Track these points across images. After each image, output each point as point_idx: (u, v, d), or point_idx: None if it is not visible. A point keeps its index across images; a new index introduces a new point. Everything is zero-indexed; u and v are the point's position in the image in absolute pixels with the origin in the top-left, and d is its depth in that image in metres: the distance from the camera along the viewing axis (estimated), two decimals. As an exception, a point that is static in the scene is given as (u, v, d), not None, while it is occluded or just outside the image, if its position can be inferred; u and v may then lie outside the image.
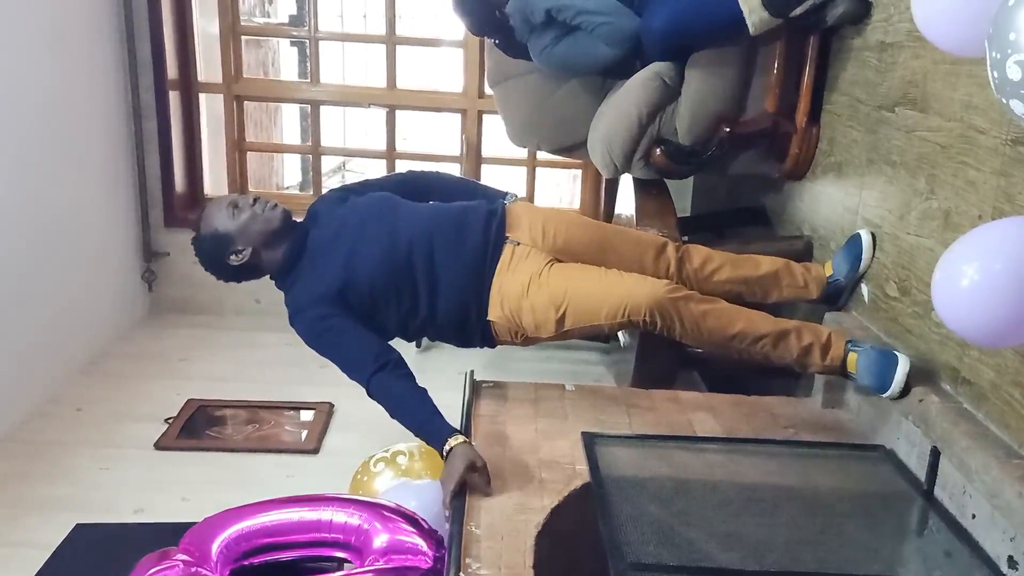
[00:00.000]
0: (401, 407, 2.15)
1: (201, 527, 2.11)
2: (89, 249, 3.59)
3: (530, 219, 2.42)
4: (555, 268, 2.33)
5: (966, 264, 1.40)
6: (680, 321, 2.23)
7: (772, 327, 2.27)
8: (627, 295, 2.24)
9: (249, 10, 6.69)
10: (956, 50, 1.58)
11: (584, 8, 2.68)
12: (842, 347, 2.25)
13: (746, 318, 2.28)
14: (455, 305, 2.30)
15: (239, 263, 2.31)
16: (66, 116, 3.39)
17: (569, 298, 2.26)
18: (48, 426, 3.05)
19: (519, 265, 2.32)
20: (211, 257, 2.34)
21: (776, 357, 2.28)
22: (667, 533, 1.80)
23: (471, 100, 4.06)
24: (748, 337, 2.25)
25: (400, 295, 2.28)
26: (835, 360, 2.25)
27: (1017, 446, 1.71)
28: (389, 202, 2.38)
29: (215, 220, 2.30)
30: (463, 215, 2.37)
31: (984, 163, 1.88)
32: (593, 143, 3.03)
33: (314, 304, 2.24)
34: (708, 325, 2.25)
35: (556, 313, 2.26)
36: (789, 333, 2.26)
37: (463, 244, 2.31)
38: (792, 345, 2.26)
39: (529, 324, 2.29)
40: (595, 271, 2.33)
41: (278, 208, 2.33)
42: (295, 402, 3.29)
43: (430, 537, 2.04)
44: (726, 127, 2.78)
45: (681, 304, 2.23)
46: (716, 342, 2.28)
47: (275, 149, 7.33)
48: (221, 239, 2.29)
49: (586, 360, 3.80)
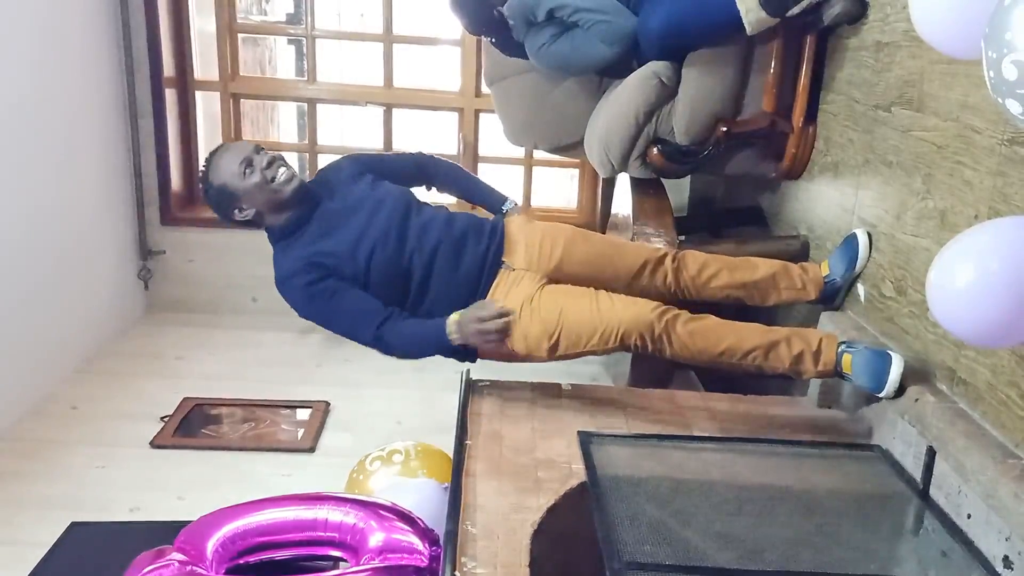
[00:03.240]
0: (415, 337, 2.24)
1: (197, 526, 2.11)
2: (85, 247, 3.58)
3: (527, 238, 2.42)
4: (546, 293, 2.33)
5: (962, 264, 1.40)
6: (669, 343, 2.24)
7: (761, 339, 2.26)
8: (617, 321, 2.24)
9: (246, 8, 6.66)
10: (952, 50, 1.58)
11: (582, 6, 2.68)
12: (833, 352, 2.24)
13: (734, 333, 2.27)
14: (438, 315, 2.29)
15: (242, 219, 2.33)
16: (62, 114, 3.38)
17: (561, 324, 2.27)
18: (44, 424, 3.04)
19: (511, 291, 2.33)
20: (215, 203, 2.35)
21: (768, 368, 2.27)
22: (663, 532, 1.80)
23: (468, 99, 4.06)
24: (737, 352, 2.25)
25: (391, 292, 2.29)
26: (827, 365, 2.24)
27: (1013, 446, 1.72)
28: (404, 203, 2.39)
29: (224, 174, 2.28)
30: (467, 232, 2.38)
31: (980, 163, 1.88)
32: (590, 142, 3.03)
33: (308, 268, 2.25)
34: (696, 345, 2.25)
35: (549, 341, 2.27)
36: (779, 343, 2.25)
37: (461, 262, 2.34)
38: (783, 355, 2.25)
39: (521, 349, 2.30)
40: (586, 297, 2.32)
41: (291, 183, 2.30)
42: (291, 401, 3.29)
43: (426, 536, 2.04)
44: (723, 127, 2.79)
45: (669, 326, 2.24)
46: (706, 360, 2.28)
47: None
48: (227, 195, 2.30)
49: (583, 359, 3.80)
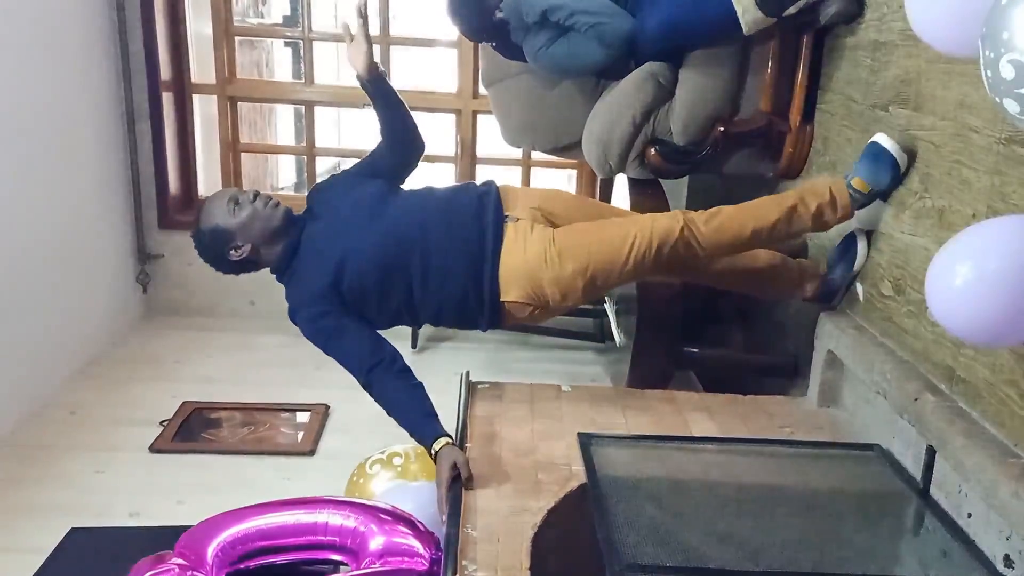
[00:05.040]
0: (393, 407, 2.17)
1: (197, 530, 2.11)
2: (83, 251, 3.58)
3: (525, 197, 2.40)
4: (564, 233, 2.30)
5: (960, 263, 1.40)
6: (699, 244, 2.28)
7: (779, 210, 2.31)
8: (645, 234, 2.25)
9: (243, 11, 6.68)
10: (949, 49, 1.58)
11: (578, 8, 2.68)
12: (846, 195, 2.30)
13: (752, 215, 2.32)
14: (452, 289, 2.27)
15: (239, 258, 2.31)
16: (59, 118, 3.38)
17: (591, 256, 2.25)
18: (42, 430, 3.04)
19: (526, 241, 2.27)
20: (211, 251, 2.33)
21: (796, 233, 2.40)
22: (663, 534, 1.80)
23: (465, 100, 4.06)
24: (764, 229, 2.30)
25: (393, 286, 2.25)
26: (846, 208, 2.31)
27: (1013, 445, 1.71)
28: (379, 192, 2.35)
29: (216, 216, 2.29)
30: (455, 198, 2.35)
31: (978, 162, 1.88)
32: (588, 143, 3.03)
33: (311, 302, 2.24)
34: (725, 238, 2.30)
35: (584, 278, 2.25)
36: (796, 207, 2.32)
37: (457, 227, 2.28)
38: (803, 216, 2.32)
39: (555, 295, 2.27)
40: (605, 225, 2.33)
41: (279, 207, 2.31)
42: (291, 404, 3.29)
43: (426, 539, 2.04)
44: (720, 127, 2.79)
45: (691, 228, 2.27)
46: (740, 247, 2.36)
47: (269, 150, 7.32)
48: (221, 235, 2.28)
49: (582, 360, 3.81)
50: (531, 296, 2.27)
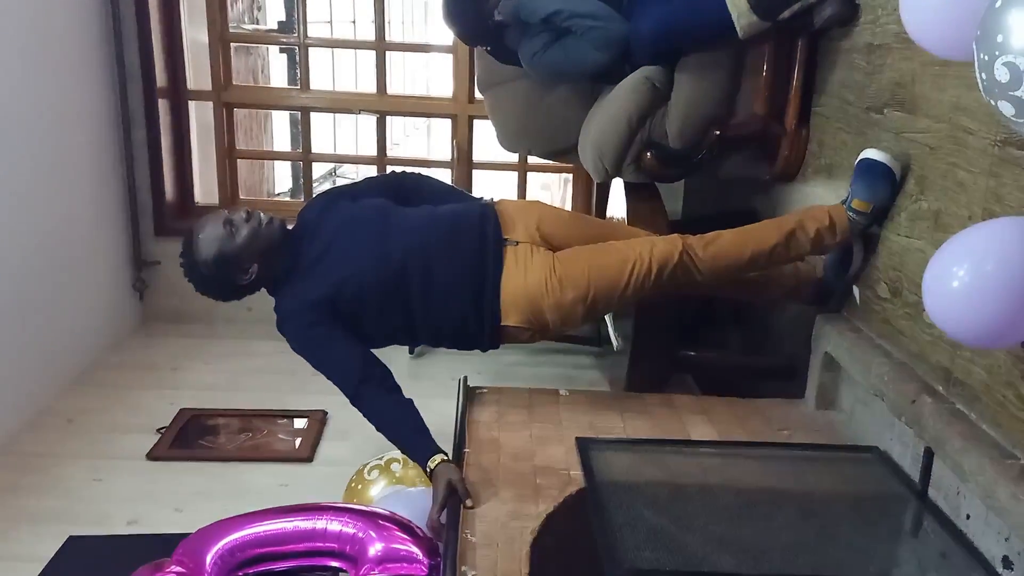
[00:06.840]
0: (384, 423, 2.16)
1: (195, 538, 2.10)
2: (79, 259, 3.57)
3: (524, 219, 2.38)
4: (564, 258, 2.30)
5: (956, 265, 1.41)
6: (696, 269, 2.30)
7: (778, 234, 2.32)
8: (648, 251, 2.27)
9: (238, 17, 6.67)
10: (944, 52, 1.59)
11: (575, 12, 2.68)
12: (844, 218, 2.30)
13: (752, 239, 2.33)
14: (453, 313, 2.27)
15: (248, 281, 2.26)
16: (55, 125, 3.37)
17: (591, 283, 2.26)
18: (39, 438, 3.03)
19: (527, 267, 2.27)
20: (216, 281, 2.25)
21: (795, 256, 2.40)
22: (662, 538, 1.80)
23: (461, 105, 4.06)
24: (762, 254, 2.32)
25: (392, 307, 2.24)
26: (844, 233, 2.31)
27: (1010, 446, 1.72)
28: (381, 211, 2.33)
29: (215, 243, 2.21)
30: (456, 221, 2.33)
31: (973, 164, 1.88)
32: (584, 148, 3.03)
33: (304, 311, 2.21)
34: (722, 263, 2.31)
35: (584, 305, 2.27)
36: (795, 231, 2.32)
37: (458, 251, 2.27)
38: (802, 240, 2.33)
39: (555, 321, 2.28)
40: (604, 249, 2.33)
41: (274, 221, 2.27)
42: (288, 410, 3.28)
43: (425, 545, 2.03)
44: (716, 130, 2.79)
45: (689, 253, 2.29)
46: (738, 272, 2.36)
47: (265, 156, 7.30)
48: (229, 260, 2.21)
49: (580, 364, 3.80)
50: (531, 321, 2.27)
